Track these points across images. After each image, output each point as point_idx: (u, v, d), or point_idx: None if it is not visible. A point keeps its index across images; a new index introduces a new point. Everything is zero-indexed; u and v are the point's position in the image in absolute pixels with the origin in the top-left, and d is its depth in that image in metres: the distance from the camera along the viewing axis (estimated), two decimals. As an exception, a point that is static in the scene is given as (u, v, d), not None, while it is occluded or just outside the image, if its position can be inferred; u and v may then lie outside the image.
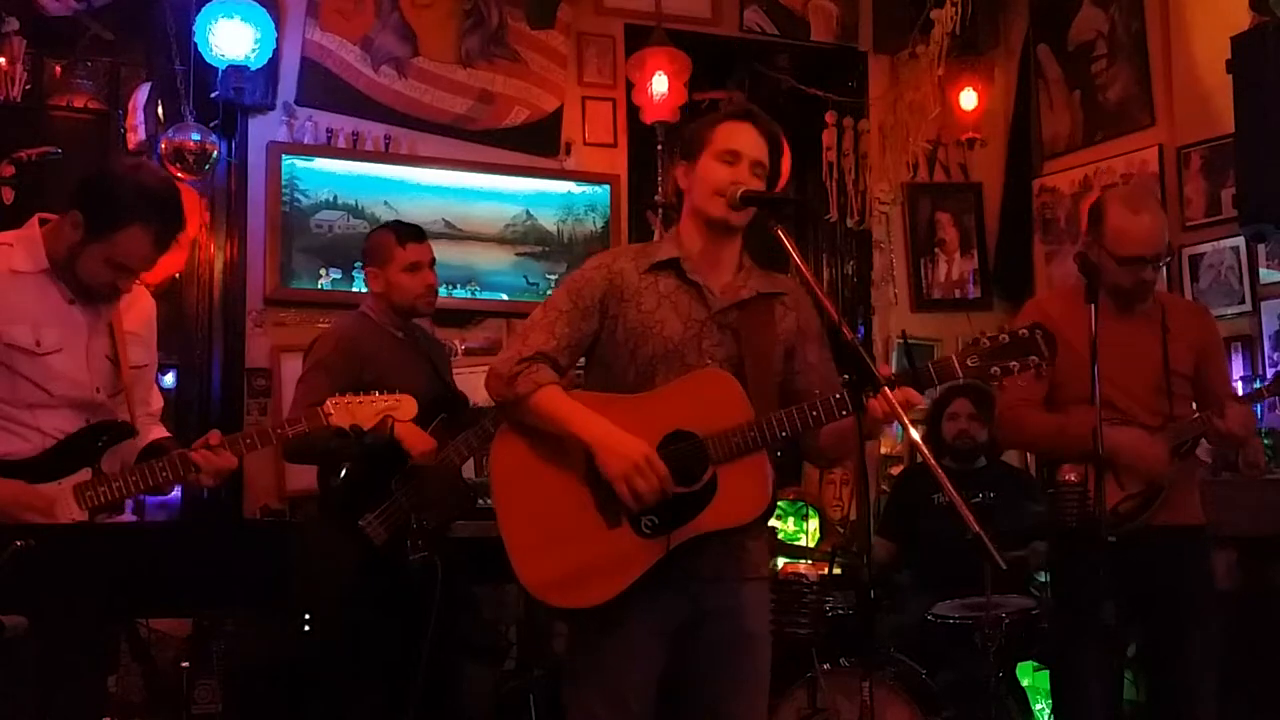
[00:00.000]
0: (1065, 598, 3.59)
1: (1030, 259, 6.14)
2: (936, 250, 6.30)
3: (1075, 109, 5.93)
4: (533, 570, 2.65)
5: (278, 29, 5.07)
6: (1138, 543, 3.30)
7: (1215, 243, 5.22)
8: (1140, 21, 5.60)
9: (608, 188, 5.66)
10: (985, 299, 6.26)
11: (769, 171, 2.78)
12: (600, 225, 5.66)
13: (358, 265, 4.73)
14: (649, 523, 2.63)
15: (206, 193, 5.11)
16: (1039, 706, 4.59)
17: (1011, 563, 3.20)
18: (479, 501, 3.86)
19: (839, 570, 4.40)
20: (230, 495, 4.82)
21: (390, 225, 4.14)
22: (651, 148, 5.70)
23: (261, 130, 5.17)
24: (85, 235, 2.73)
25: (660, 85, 5.54)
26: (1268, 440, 4.70)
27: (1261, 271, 5.08)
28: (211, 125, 4.97)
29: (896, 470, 5.77)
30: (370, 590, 3.65)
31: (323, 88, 5.27)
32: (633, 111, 5.72)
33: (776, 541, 5.00)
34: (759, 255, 2.92)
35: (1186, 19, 5.40)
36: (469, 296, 5.38)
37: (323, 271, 5.18)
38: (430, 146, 5.44)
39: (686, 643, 2.69)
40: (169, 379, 5.05)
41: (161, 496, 3.25)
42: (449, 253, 5.27)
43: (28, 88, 4.89)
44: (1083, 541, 3.20)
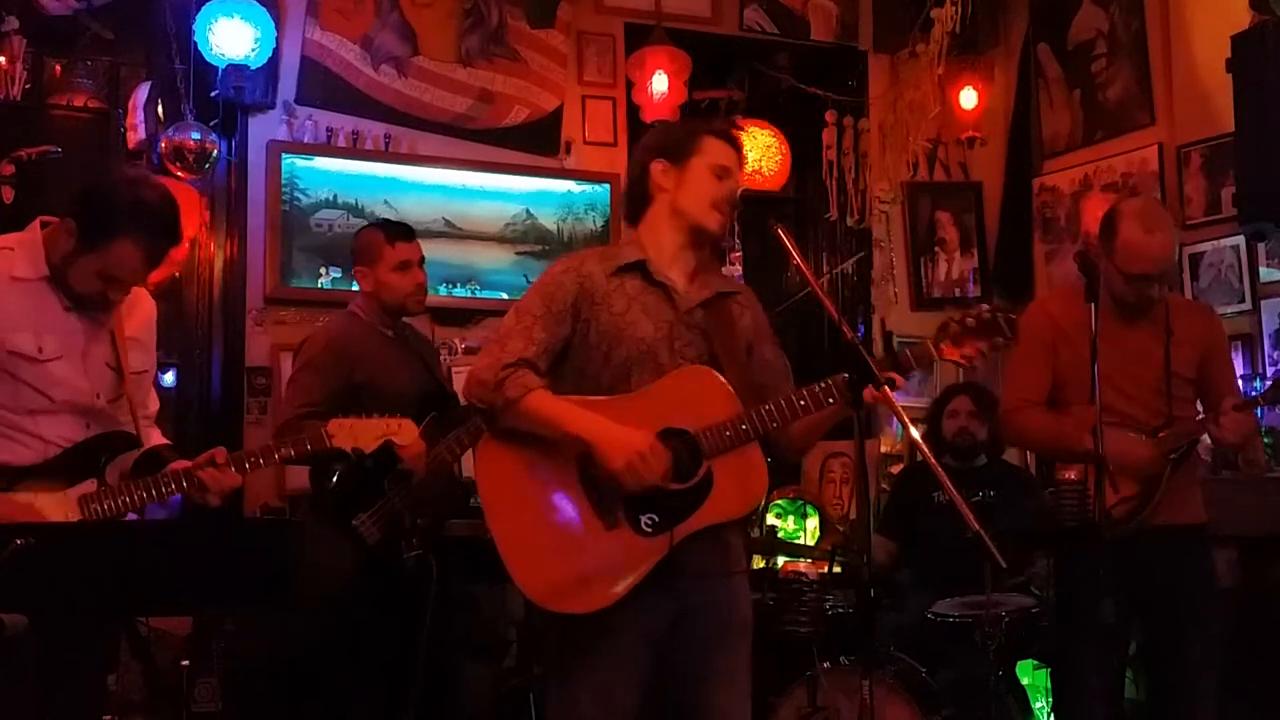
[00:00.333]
0: (1065, 596, 3.59)
1: (1030, 258, 6.14)
2: (936, 249, 6.30)
3: (1075, 108, 5.93)
4: (535, 579, 2.64)
5: (278, 28, 5.07)
6: (1138, 541, 3.30)
7: (1215, 241, 5.22)
8: (1140, 20, 5.60)
9: (608, 187, 5.66)
10: (985, 298, 6.24)
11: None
12: (600, 224, 5.66)
13: (358, 264, 4.73)
14: (649, 521, 2.63)
15: (206, 192, 5.11)
16: (1039, 705, 4.59)
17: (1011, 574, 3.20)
18: (471, 500, 3.86)
19: (839, 569, 4.40)
20: (230, 493, 4.81)
21: (379, 224, 4.12)
22: (651, 147, 5.69)
23: (261, 129, 5.17)
24: (78, 244, 2.72)
25: (660, 84, 5.54)
26: (1268, 439, 4.70)
27: (1261, 270, 5.08)
28: (211, 124, 4.96)
29: (896, 469, 5.77)
30: (366, 590, 3.65)
31: (323, 87, 5.27)
32: (633, 110, 5.72)
33: (776, 540, 5.01)
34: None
35: (1186, 18, 5.40)
36: (469, 295, 5.38)
37: (323, 270, 5.17)
38: (430, 145, 5.44)
39: (672, 639, 2.70)
40: (169, 378, 5.05)
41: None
42: (449, 252, 5.27)
43: (27, 87, 4.88)
44: (1083, 540, 3.20)
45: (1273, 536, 4.50)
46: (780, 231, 2.76)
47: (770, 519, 5.42)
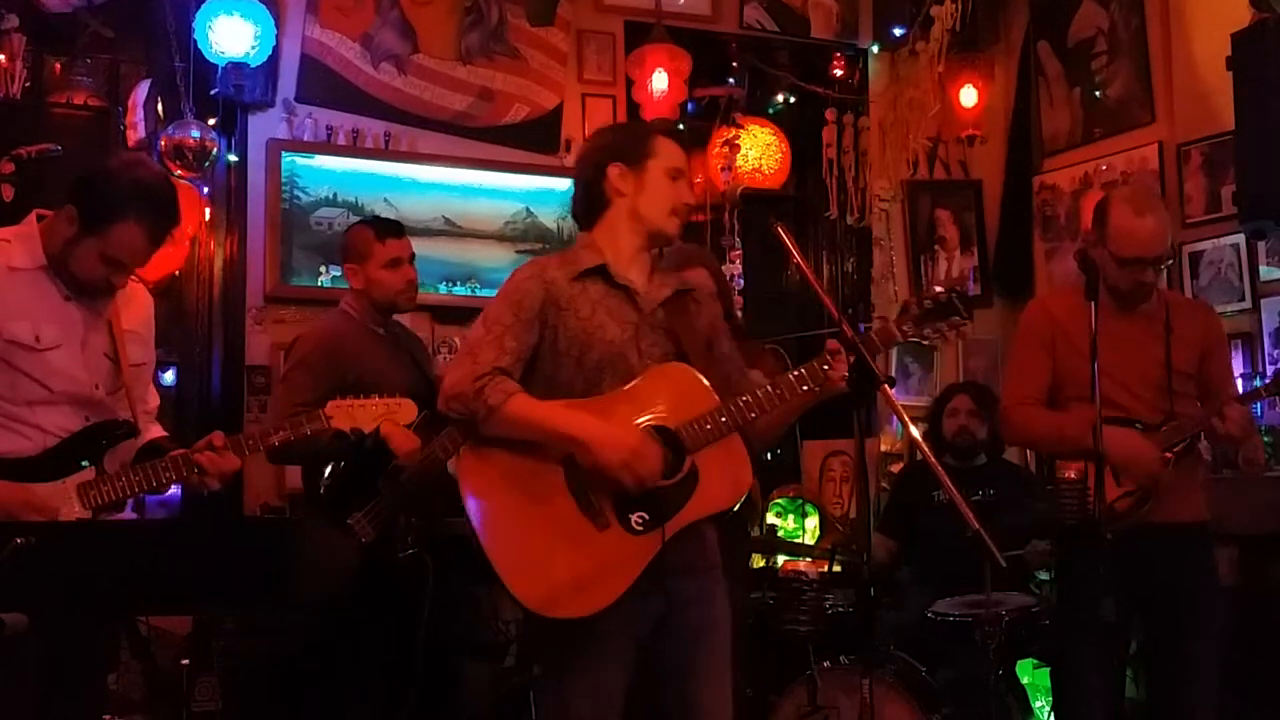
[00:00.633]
0: (1066, 594, 3.59)
1: (1030, 256, 6.14)
2: (936, 247, 6.30)
3: (1075, 106, 5.93)
4: (530, 588, 2.63)
5: (277, 26, 5.06)
6: (1139, 539, 3.30)
7: (1215, 240, 5.22)
8: (1140, 18, 5.59)
9: (608, 185, 5.65)
10: (985, 296, 6.25)
11: None
12: (600, 222, 5.64)
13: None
14: (639, 519, 2.64)
15: (206, 190, 5.10)
16: (1039, 704, 4.59)
17: (1010, 560, 3.23)
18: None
19: (839, 568, 4.40)
20: (230, 492, 4.81)
21: (369, 221, 4.11)
22: (651, 145, 5.68)
23: (261, 127, 5.16)
24: (80, 230, 2.73)
25: (660, 82, 5.53)
26: (1268, 438, 4.70)
27: (1261, 269, 5.08)
28: (211, 122, 4.96)
29: (896, 468, 5.77)
30: (363, 589, 3.64)
31: (323, 85, 5.26)
32: (633, 109, 5.70)
33: (776, 539, 5.01)
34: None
35: (1187, 15, 5.39)
36: (469, 294, 5.37)
37: (323, 269, 5.17)
38: (430, 144, 5.43)
39: (658, 637, 2.71)
40: (169, 376, 5.05)
41: (161, 495, 3.25)
42: (449, 250, 5.27)
43: (27, 85, 4.88)
44: (1083, 538, 3.21)
45: (1273, 535, 4.50)
46: (780, 230, 2.77)
47: (770, 518, 5.42)
